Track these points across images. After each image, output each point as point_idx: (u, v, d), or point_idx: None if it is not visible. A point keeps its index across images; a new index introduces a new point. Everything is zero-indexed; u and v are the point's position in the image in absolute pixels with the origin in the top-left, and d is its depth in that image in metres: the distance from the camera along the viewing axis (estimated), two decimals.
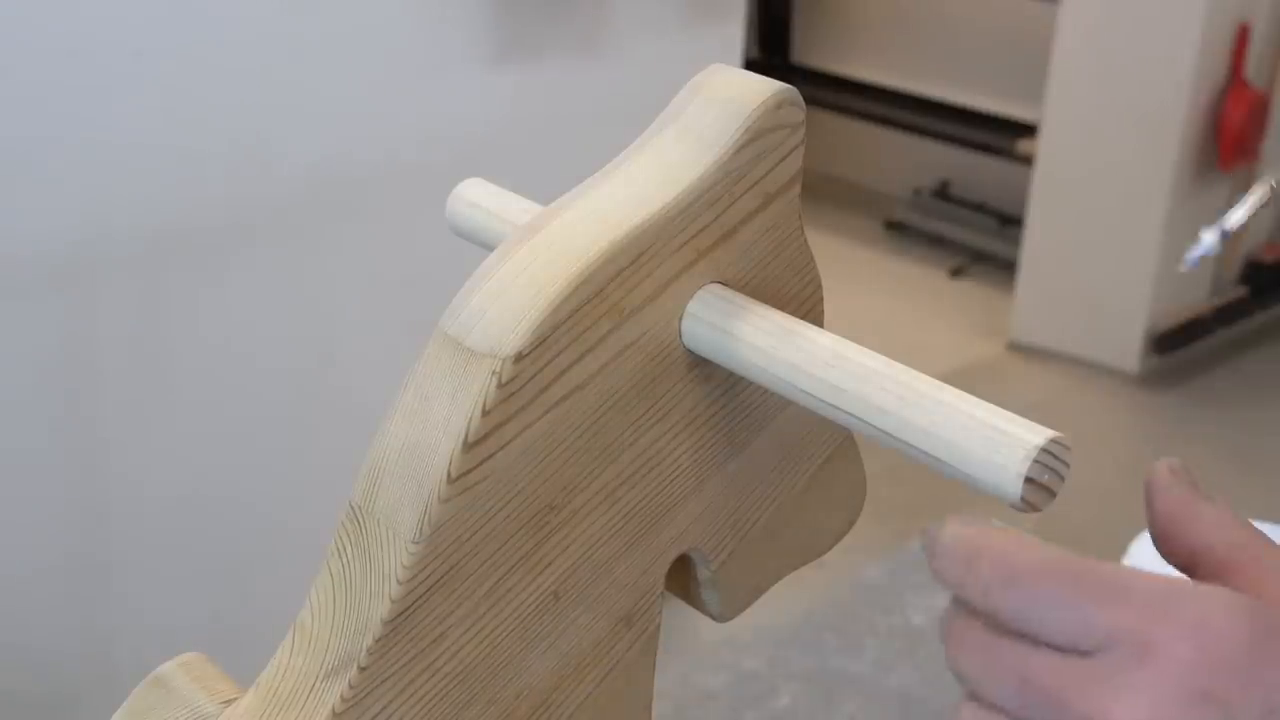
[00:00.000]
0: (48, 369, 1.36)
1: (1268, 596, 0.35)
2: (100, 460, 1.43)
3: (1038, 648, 0.34)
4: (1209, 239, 0.42)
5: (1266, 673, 0.32)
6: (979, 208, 3.69)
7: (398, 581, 0.39)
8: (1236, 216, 0.47)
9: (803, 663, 0.97)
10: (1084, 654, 0.33)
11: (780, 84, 0.46)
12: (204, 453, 1.51)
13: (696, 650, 1.08)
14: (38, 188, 1.30)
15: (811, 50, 4.08)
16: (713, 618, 0.51)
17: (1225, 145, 2.89)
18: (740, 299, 0.44)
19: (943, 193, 3.81)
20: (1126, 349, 3.02)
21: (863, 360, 0.41)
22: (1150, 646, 0.32)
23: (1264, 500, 2.45)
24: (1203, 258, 0.42)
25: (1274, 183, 0.49)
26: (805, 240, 0.49)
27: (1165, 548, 0.37)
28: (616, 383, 0.42)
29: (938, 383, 0.40)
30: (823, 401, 0.41)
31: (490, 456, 0.39)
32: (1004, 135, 3.49)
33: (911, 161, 3.88)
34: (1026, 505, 0.37)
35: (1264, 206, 0.49)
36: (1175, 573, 0.37)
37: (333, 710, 0.39)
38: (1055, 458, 0.37)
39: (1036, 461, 0.37)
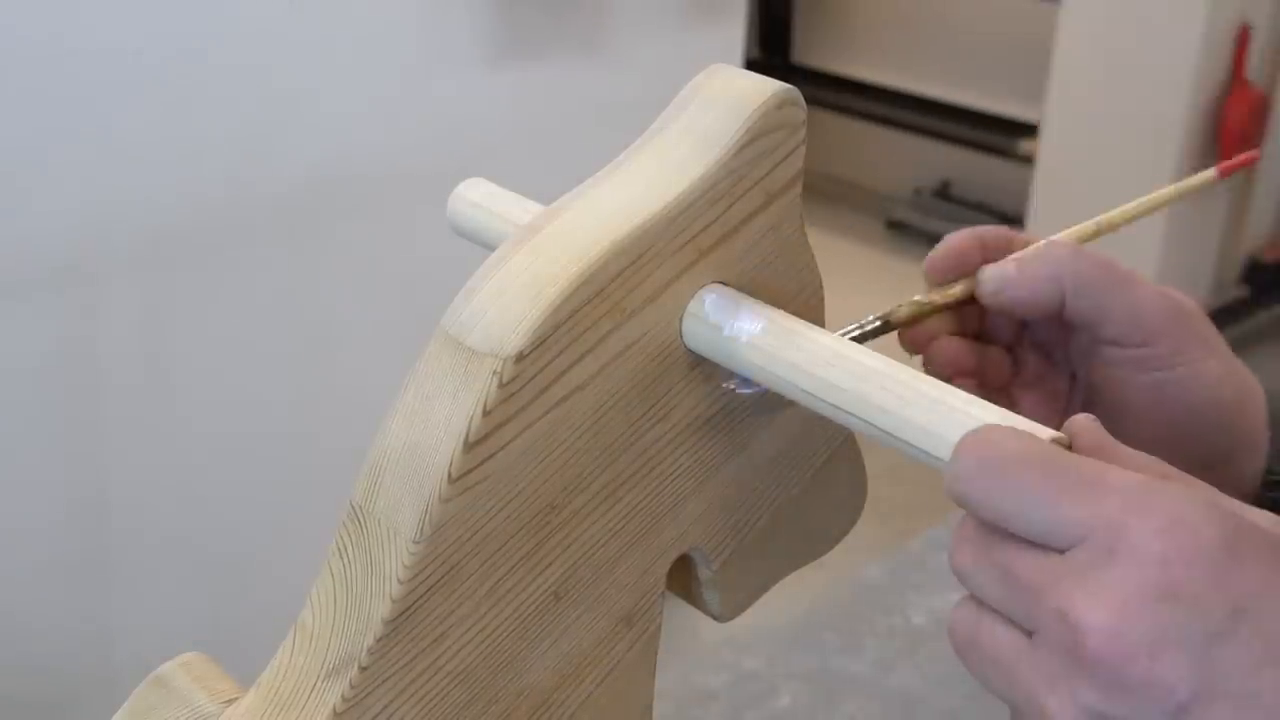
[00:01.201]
0: (48, 369, 1.36)
1: None
2: (100, 460, 1.43)
3: (1022, 546, 0.35)
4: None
5: (1236, 572, 0.32)
6: (979, 208, 3.69)
7: (399, 581, 0.39)
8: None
9: (803, 663, 0.97)
10: (1061, 550, 0.34)
11: (781, 84, 0.46)
12: (204, 452, 1.51)
13: (696, 650, 1.08)
14: (38, 188, 1.29)
15: (811, 50, 4.08)
16: (713, 618, 0.51)
17: (1226, 146, 2.89)
18: (741, 299, 0.44)
19: (943, 193, 3.81)
20: None
21: (863, 360, 0.41)
22: (1123, 541, 0.32)
23: None
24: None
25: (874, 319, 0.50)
26: (806, 240, 0.49)
27: None
28: (617, 383, 0.42)
29: (938, 382, 0.40)
30: (823, 401, 0.41)
31: (491, 456, 0.39)
32: (1005, 135, 3.49)
33: (911, 161, 3.88)
34: None
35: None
36: None
37: (334, 710, 0.39)
38: None
39: None
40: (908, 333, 0.54)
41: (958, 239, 0.54)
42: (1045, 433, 0.37)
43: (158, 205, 1.38)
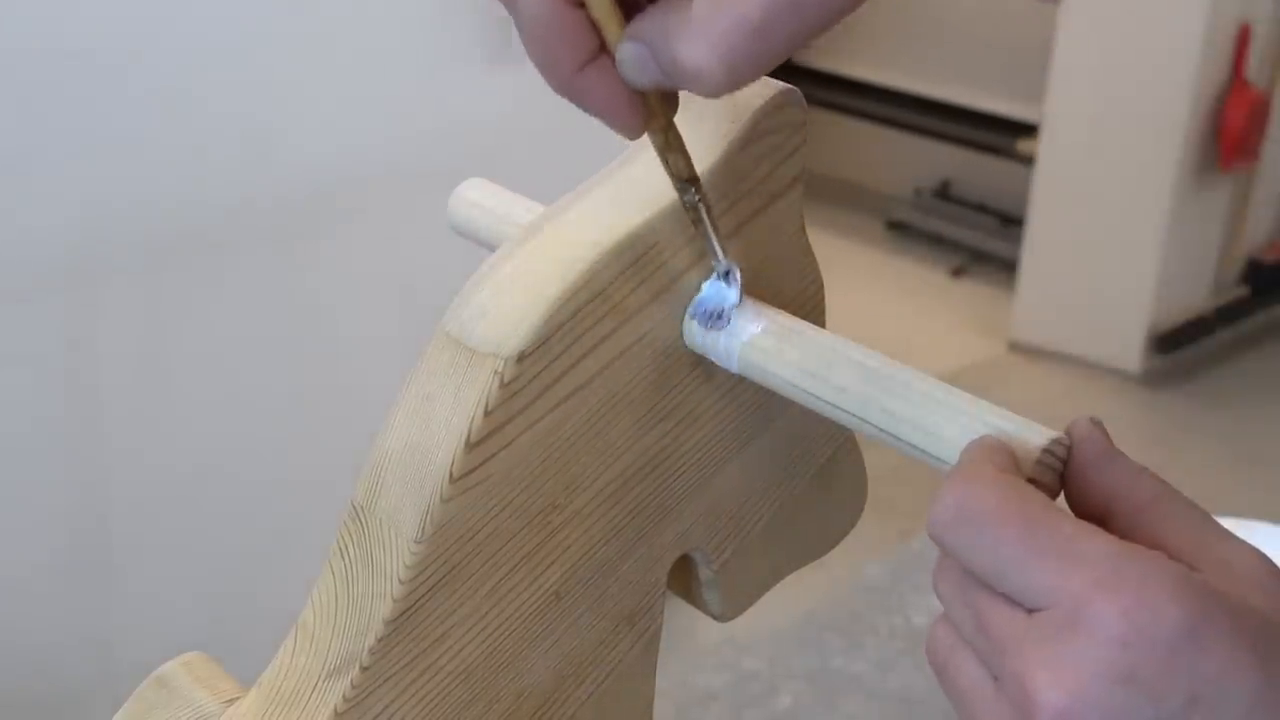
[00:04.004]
0: (48, 369, 1.36)
1: (1170, 548, 0.35)
2: (101, 460, 1.43)
3: (995, 597, 0.35)
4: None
5: (1196, 658, 0.32)
6: (979, 208, 3.69)
7: (400, 581, 0.39)
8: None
9: (804, 663, 0.97)
10: (1030, 610, 0.34)
11: (782, 84, 0.46)
12: (205, 452, 1.51)
13: (696, 650, 1.08)
14: (38, 188, 1.29)
15: (812, 50, 4.07)
16: (714, 617, 0.51)
17: (1226, 145, 2.88)
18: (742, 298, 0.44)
19: (943, 193, 3.81)
20: (1128, 349, 3.02)
21: (863, 360, 0.41)
22: (1087, 617, 0.32)
23: (1265, 500, 2.45)
24: None
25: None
26: (807, 240, 0.49)
27: (1083, 492, 0.37)
28: (619, 383, 0.42)
29: (939, 382, 0.40)
30: (824, 401, 0.41)
31: (492, 456, 0.39)
32: (1004, 135, 3.48)
33: (911, 161, 3.87)
34: None
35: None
36: None
37: (335, 710, 0.39)
38: (1057, 458, 0.37)
39: (1039, 462, 0.37)
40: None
41: None
42: (1045, 435, 0.37)
43: (158, 205, 1.38)
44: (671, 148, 0.40)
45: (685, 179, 0.41)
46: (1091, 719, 0.32)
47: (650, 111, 0.39)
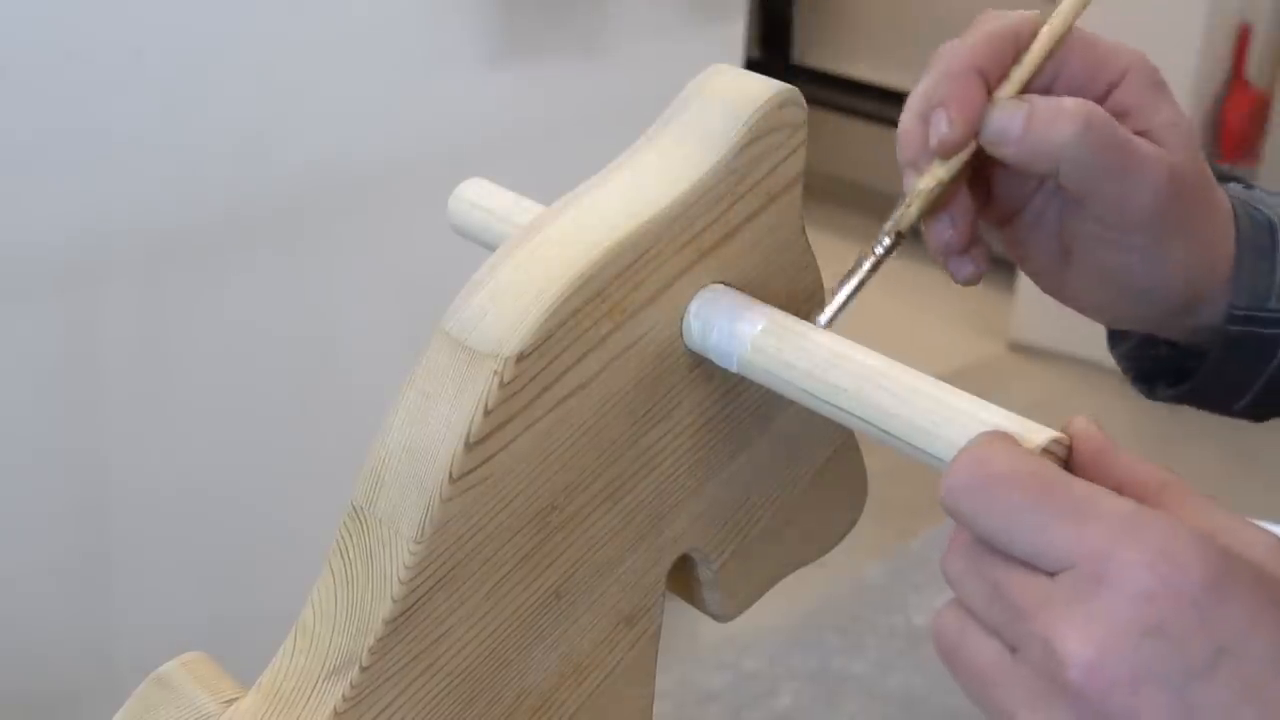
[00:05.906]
0: (48, 369, 1.36)
1: None
2: (101, 460, 1.43)
3: (1012, 564, 0.34)
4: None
5: (1221, 610, 0.32)
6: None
7: (399, 581, 0.39)
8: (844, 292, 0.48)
9: (804, 663, 0.97)
10: (1050, 573, 0.34)
11: (782, 84, 0.46)
12: (205, 452, 1.51)
13: (696, 650, 1.08)
14: (38, 188, 1.29)
15: (812, 50, 4.07)
16: (714, 617, 0.51)
17: (1226, 145, 2.88)
18: (742, 299, 0.44)
19: None
20: None
21: (863, 360, 0.41)
22: (1109, 572, 0.32)
23: (1264, 500, 2.45)
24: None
25: (877, 249, 0.49)
26: (807, 240, 0.49)
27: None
28: (618, 383, 0.42)
29: (938, 382, 0.40)
30: (824, 401, 0.41)
31: (492, 456, 0.39)
32: None
33: None
34: None
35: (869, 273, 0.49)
36: None
37: (334, 710, 0.39)
38: (1057, 458, 0.37)
39: None
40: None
41: (952, 92, 0.52)
42: (1045, 435, 0.37)
43: (158, 205, 1.38)
44: (927, 201, 0.50)
45: (900, 232, 0.48)
46: (1120, 671, 0.32)
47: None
